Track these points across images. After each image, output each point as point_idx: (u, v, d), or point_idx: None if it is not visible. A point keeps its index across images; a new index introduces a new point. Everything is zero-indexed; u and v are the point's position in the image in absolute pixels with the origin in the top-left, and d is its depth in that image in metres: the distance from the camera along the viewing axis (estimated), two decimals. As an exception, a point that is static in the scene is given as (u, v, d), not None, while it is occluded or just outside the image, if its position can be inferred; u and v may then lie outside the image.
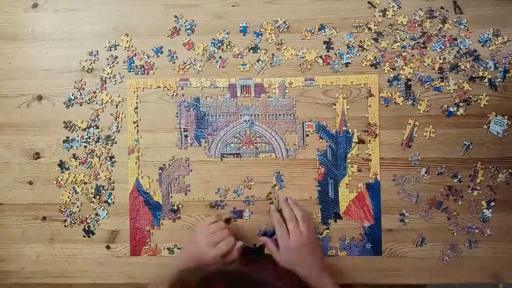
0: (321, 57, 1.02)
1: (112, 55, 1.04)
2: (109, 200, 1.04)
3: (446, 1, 1.01)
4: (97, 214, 1.04)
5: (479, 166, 1.00)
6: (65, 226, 1.04)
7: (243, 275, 0.67)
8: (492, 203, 1.00)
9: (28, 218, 1.05)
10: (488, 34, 1.00)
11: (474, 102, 1.00)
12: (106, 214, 1.04)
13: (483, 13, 1.00)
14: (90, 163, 1.04)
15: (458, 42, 1.00)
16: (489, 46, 1.00)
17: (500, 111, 1.00)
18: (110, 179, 1.04)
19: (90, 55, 1.04)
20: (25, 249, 1.05)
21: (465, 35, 1.00)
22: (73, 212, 1.04)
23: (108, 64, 1.04)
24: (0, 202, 1.05)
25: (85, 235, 1.04)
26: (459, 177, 1.00)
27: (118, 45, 1.04)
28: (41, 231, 1.05)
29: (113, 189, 1.04)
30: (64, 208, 1.04)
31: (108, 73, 1.04)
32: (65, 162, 1.04)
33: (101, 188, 1.03)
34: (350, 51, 1.01)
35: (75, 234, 1.04)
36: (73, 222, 1.04)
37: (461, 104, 1.00)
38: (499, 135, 1.00)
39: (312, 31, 1.02)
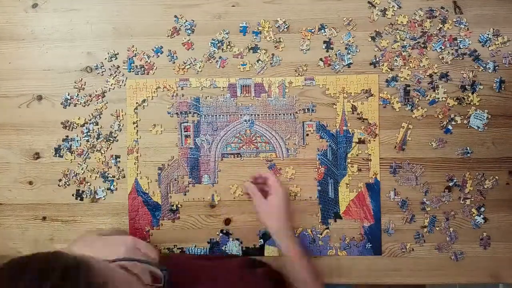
0: (321, 59, 1.02)
1: (113, 51, 1.04)
2: (111, 187, 1.04)
3: (446, 1, 1.01)
4: (95, 192, 1.04)
5: (468, 176, 1.00)
6: (58, 185, 1.04)
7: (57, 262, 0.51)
8: (483, 209, 1.00)
9: (28, 218, 1.05)
10: (488, 34, 1.00)
11: (459, 121, 1.00)
12: (104, 192, 1.04)
13: (483, 13, 1.00)
14: (88, 156, 1.04)
15: (458, 41, 1.00)
16: (489, 46, 1.00)
17: (501, 111, 1.00)
18: (117, 170, 1.04)
19: (90, 55, 1.04)
20: (25, 249, 1.05)
21: (465, 35, 1.00)
22: (76, 174, 1.04)
23: (108, 63, 1.04)
24: (0, 202, 1.05)
25: (76, 196, 1.04)
26: (455, 180, 1.00)
27: (118, 54, 1.04)
28: (41, 231, 1.05)
29: (113, 180, 1.04)
30: (68, 171, 1.04)
31: (109, 73, 1.04)
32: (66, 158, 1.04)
33: (106, 174, 1.04)
34: (349, 51, 1.01)
35: (75, 234, 1.04)
36: (67, 183, 1.04)
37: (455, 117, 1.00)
38: (479, 130, 1.00)
39: (312, 31, 1.02)
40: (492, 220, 1.00)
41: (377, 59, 1.01)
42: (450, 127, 1.00)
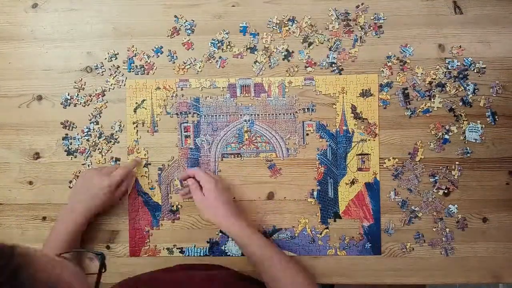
0: (321, 59, 1.02)
1: (113, 51, 1.04)
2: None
3: (446, 1, 1.01)
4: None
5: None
6: (69, 187, 1.04)
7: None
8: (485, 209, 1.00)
9: (28, 218, 1.05)
10: (473, 59, 1.00)
11: (455, 130, 1.00)
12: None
13: (483, 13, 1.00)
14: (90, 154, 1.04)
15: (447, 62, 1.00)
16: (474, 69, 1.00)
17: (501, 110, 1.00)
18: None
19: (90, 55, 1.04)
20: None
21: (457, 52, 1.00)
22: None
23: (108, 63, 1.04)
24: (0, 202, 1.05)
25: (68, 154, 1.04)
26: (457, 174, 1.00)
27: (118, 54, 1.04)
28: (41, 231, 1.04)
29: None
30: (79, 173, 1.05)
31: (109, 73, 1.04)
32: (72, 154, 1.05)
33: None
34: (349, 51, 1.01)
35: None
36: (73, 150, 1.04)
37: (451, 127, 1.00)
38: (477, 141, 1.00)
39: (312, 31, 1.02)
40: (492, 220, 1.00)
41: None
42: (447, 137, 1.00)
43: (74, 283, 0.51)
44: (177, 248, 1.03)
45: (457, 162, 1.00)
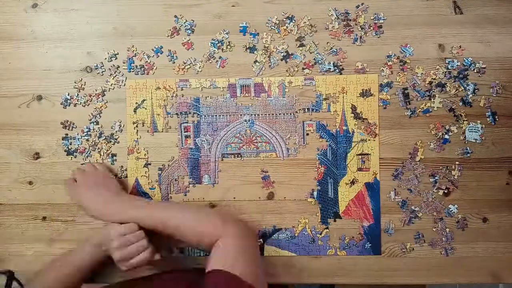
0: (321, 59, 1.02)
1: (113, 51, 1.04)
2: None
3: (446, 1, 1.01)
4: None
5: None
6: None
7: None
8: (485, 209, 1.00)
9: (28, 218, 1.05)
10: (473, 59, 1.00)
11: (455, 130, 1.00)
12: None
13: (483, 13, 1.00)
14: (90, 154, 1.04)
15: (447, 62, 1.00)
16: (474, 69, 1.00)
17: (501, 111, 1.00)
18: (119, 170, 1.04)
19: (90, 55, 1.04)
20: (25, 249, 1.05)
21: (457, 52, 1.00)
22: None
23: (108, 63, 1.04)
24: (0, 202, 1.05)
25: (68, 154, 1.05)
26: (456, 174, 1.00)
27: (118, 54, 1.04)
28: (41, 231, 1.05)
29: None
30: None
31: (109, 73, 1.04)
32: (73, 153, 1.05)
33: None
34: (349, 51, 1.01)
35: (75, 234, 1.04)
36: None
37: (451, 127, 1.00)
38: (477, 141, 1.00)
39: (312, 31, 1.02)
40: (492, 220, 1.00)
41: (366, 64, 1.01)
42: (447, 137, 1.00)
43: None
44: (177, 248, 1.03)
45: (457, 162, 1.00)
